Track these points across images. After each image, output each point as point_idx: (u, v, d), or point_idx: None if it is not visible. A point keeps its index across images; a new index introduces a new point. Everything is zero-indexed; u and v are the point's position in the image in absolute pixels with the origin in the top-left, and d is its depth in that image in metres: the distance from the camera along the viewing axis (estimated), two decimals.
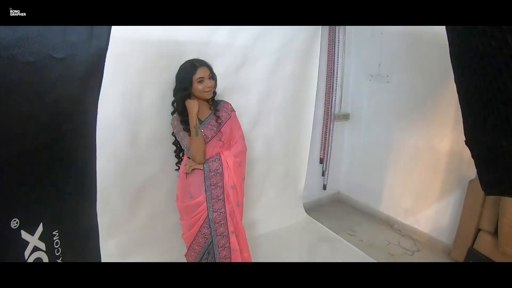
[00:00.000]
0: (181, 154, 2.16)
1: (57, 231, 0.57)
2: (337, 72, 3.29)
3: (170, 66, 2.03)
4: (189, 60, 1.90)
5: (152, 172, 2.32)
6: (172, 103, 1.97)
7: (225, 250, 2.01)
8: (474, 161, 1.49)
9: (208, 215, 1.94)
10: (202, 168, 1.90)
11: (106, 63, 0.69)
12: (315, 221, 3.21)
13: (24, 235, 0.52)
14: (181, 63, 1.92)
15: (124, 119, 2.10)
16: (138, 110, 2.13)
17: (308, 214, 3.29)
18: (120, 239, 2.29)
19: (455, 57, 1.59)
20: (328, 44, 3.16)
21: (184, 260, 2.18)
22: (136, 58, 2.02)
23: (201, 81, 1.84)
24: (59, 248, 0.58)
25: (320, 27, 2.91)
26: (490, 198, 2.40)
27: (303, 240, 2.98)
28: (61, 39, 0.48)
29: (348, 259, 2.65)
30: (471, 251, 2.51)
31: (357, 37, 3.34)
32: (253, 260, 2.32)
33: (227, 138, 2.00)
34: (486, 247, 2.43)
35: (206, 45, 2.26)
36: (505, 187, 1.34)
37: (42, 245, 0.56)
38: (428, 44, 2.65)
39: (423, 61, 2.75)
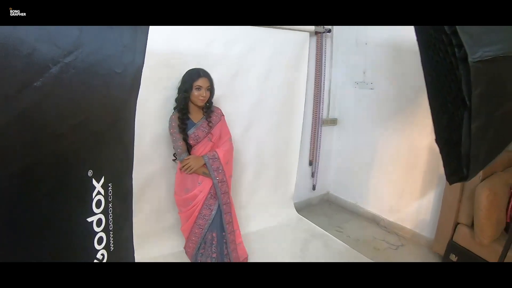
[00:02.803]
0: None
1: (110, 184, 0.89)
2: (324, 79, 3.62)
3: (170, 76, 2.35)
4: (197, 68, 2.24)
5: (153, 171, 2.60)
6: (175, 99, 2.29)
7: (232, 234, 2.39)
8: (441, 156, 1.80)
9: (205, 200, 2.29)
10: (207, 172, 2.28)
11: None
12: (305, 219, 3.49)
13: (94, 182, 0.84)
14: (181, 73, 2.24)
15: None
16: (141, 114, 2.41)
17: (299, 213, 3.57)
18: None
19: (422, 66, 1.92)
20: (316, 53, 3.48)
21: (183, 254, 2.51)
22: None
23: (198, 88, 2.17)
24: (111, 196, 0.91)
25: (308, 37, 3.26)
26: (466, 193, 2.65)
27: (293, 236, 3.24)
28: (119, 60, 0.81)
29: (335, 253, 2.93)
30: (451, 243, 2.75)
31: (343, 47, 3.66)
32: (248, 254, 2.63)
33: (216, 138, 2.35)
34: (465, 239, 2.66)
35: (204, 56, 2.58)
36: (461, 174, 1.69)
37: (102, 191, 0.87)
38: (408, 53, 2.96)
39: (404, 69, 3.07)
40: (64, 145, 0.71)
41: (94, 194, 0.85)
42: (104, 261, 0.92)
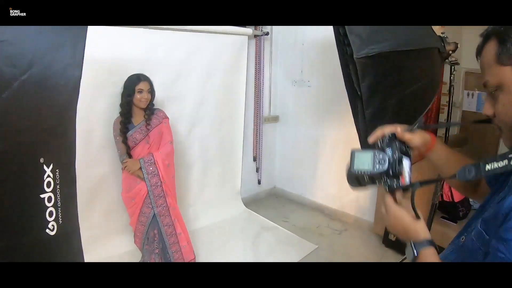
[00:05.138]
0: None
1: (57, 170, 1.23)
2: (263, 80, 4.04)
3: (116, 82, 2.59)
4: (136, 73, 2.54)
5: (102, 174, 2.89)
6: (120, 105, 2.55)
7: (173, 237, 2.68)
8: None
9: (145, 198, 2.58)
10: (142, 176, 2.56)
11: None
12: (253, 212, 3.91)
13: (45, 167, 1.18)
14: (125, 80, 2.52)
15: (78, 126, 2.63)
16: (89, 120, 2.70)
17: (247, 207, 3.98)
18: None
19: None
20: (255, 54, 3.89)
21: (136, 249, 2.81)
22: (88, 76, 2.49)
23: (140, 91, 2.50)
24: (58, 180, 1.25)
25: (246, 41, 3.67)
26: None
27: (243, 228, 3.63)
28: (63, 75, 1.14)
29: (281, 241, 3.36)
30: None
31: (281, 48, 4.11)
32: (200, 247, 2.97)
33: (154, 141, 2.63)
34: None
35: (146, 62, 2.90)
36: None
37: (51, 175, 1.20)
38: None
39: (337, 67, 3.36)
40: (23, 138, 1.09)
41: (45, 176, 1.21)
42: (54, 231, 1.27)
